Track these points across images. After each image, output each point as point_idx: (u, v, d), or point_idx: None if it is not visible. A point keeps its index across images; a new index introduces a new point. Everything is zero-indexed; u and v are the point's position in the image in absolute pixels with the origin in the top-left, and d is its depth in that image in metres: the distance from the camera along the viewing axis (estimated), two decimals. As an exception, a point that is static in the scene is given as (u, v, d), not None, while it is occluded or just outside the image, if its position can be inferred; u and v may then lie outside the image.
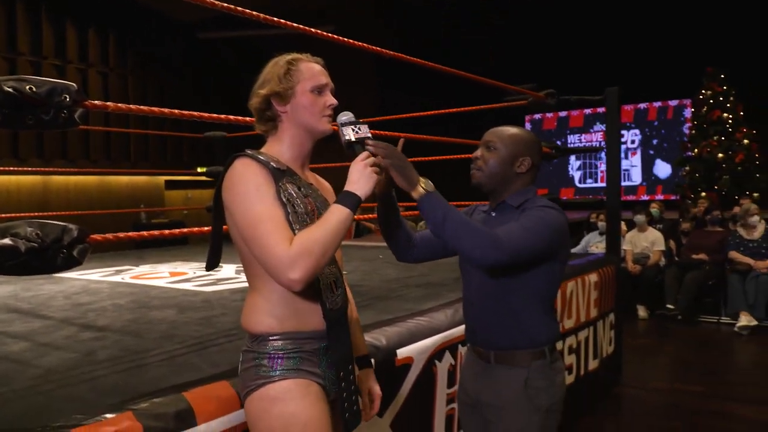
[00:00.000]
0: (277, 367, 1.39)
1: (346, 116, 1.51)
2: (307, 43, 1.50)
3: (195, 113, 2.44)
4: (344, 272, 1.60)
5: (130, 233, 2.16)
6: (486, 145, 1.78)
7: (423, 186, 1.55)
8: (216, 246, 1.55)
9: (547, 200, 1.75)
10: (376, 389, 1.68)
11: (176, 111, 2.36)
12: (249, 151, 1.45)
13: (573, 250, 6.23)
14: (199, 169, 12.29)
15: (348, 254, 5.25)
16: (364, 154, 1.43)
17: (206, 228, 2.50)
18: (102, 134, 12.72)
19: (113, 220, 11.15)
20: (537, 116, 14.54)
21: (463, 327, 2.56)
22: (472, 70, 3.87)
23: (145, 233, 2.23)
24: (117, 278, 4.02)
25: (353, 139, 1.47)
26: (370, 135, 1.49)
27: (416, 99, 11.12)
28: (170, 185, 14.35)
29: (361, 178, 1.40)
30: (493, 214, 1.81)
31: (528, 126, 14.54)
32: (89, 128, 11.64)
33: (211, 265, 1.55)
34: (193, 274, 4.09)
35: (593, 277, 3.84)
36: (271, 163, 1.42)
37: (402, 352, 2.19)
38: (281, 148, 1.51)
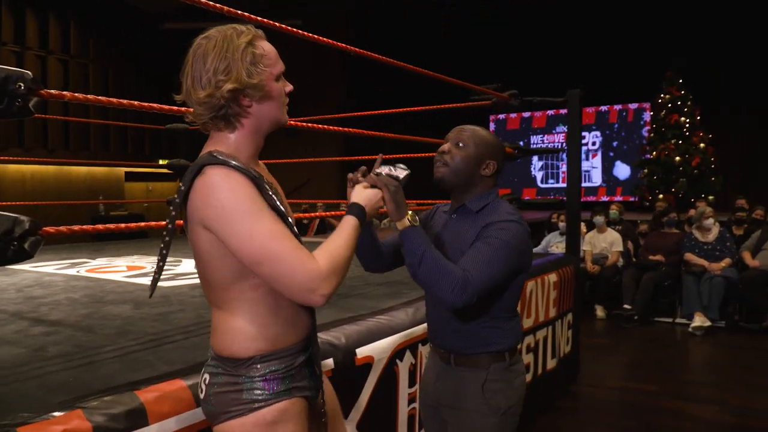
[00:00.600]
0: (273, 390, 1.32)
1: (401, 164, 1.65)
2: (272, 35, 1.44)
3: (155, 105, 2.39)
4: None
5: (85, 226, 2.08)
6: (456, 142, 1.78)
7: (409, 219, 1.60)
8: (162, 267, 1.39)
9: (508, 206, 1.76)
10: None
11: (135, 102, 2.30)
12: (216, 155, 1.28)
13: (534, 250, 6.31)
14: (161, 162, 12.09)
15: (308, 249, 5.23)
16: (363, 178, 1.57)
17: (165, 222, 2.47)
18: (60, 123, 12.40)
19: (71, 211, 10.91)
20: (501, 116, 14.67)
21: (423, 326, 2.58)
22: (436, 70, 3.88)
23: (100, 226, 2.16)
24: (72, 271, 3.92)
25: (376, 171, 1.60)
26: (398, 176, 1.60)
27: (383, 95, 11.12)
28: (131, 177, 14.08)
29: (365, 196, 1.49)
30: (454, 216, 1.83)
31: (492, 126, 14.69)
32: (47, 117, 11.36)
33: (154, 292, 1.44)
34: (151, 269, 4.01)
35: (553, 277, 3.89)
36: (251, 170, 1.29)
37: (362, 351, 2.18)
38: (237, 144, 1.34)
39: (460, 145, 1.77)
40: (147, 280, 3.51)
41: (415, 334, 2.50)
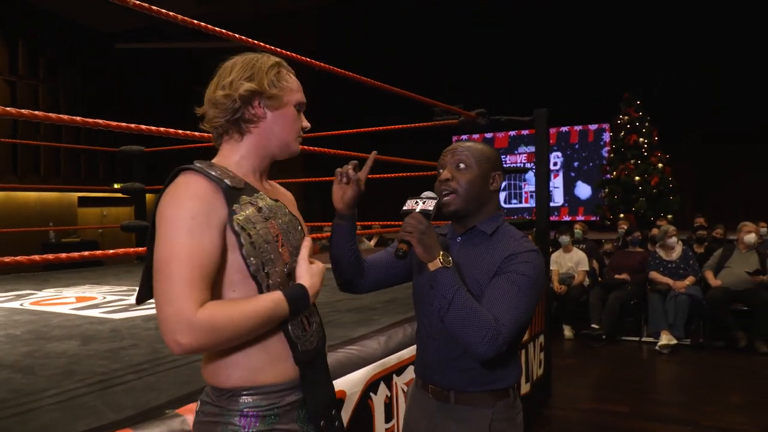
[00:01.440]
0: (250, 428, 1.19)
1: (429, 192, 1.54)
2: (235, 53, 1.32)
3: (112, 123, 2.21)
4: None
5: (25, 257, 1.88)
6: (455, 165, 1.62)
7: (441, 260, 1.45)
8: (149, 276, 1.24)
9: (522, 236, 1.64)
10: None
11: (78, 118, 2.11)
12: (198, 164, 1.22)
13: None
14: (115, 186, 11.69)
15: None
16: (305, 251, 1.30)
17: (119, 250, 2.28)
18: (8, 146, 11.94)
19: (21, 239, 10.43)
20: (464, 137, 14.74)
21: (398, 355, 2.43)
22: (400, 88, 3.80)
23: (49, 256, 1.97)
24: (15, 304, 3.65)
25: (404, 209, 1.50)
26: (429, 210, 1.48)
27: (346, 114, 11.05)
28: (84, 202, 13.61)
29: (314, 277, 1.27)
30: (458, 240, 1.66)
31: (454, 147, 14.70)
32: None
33: (141, 298, 1.28)
34: (103, 299, 3.76)
35: (525, 299, 3.78)
36: (225, 180, 1.20)
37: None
38: (238, 158, 1.29)
39: (461, 166, 1.61)
40: (97, 312, 3.28)
41: (389, 365, 2.35)
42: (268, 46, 2.68)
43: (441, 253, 1.45)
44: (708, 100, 11.16)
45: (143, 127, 2.34)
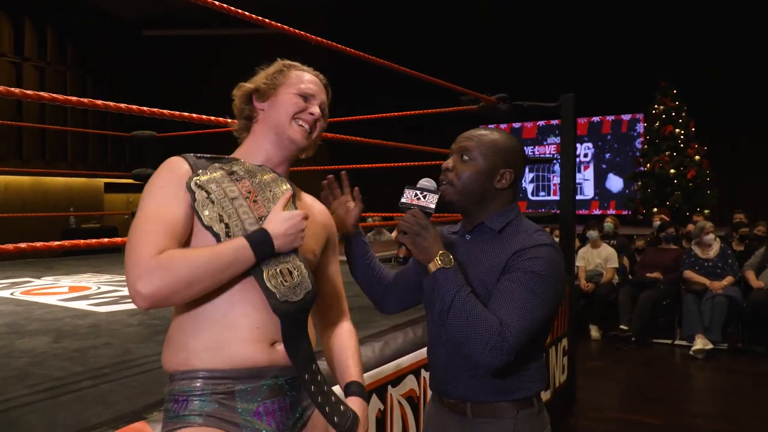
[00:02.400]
0: (180, 412, 1.16)
1: (426, 182, 1.40)
2: (259, 41, 1.14)
3: (134, 107, 2.09)
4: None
5: (17, 244, 1.74)
6: (460, 154, 1.46)
7: (440, 260, 1.33)
8: None
9: (533, 224, 1.45)
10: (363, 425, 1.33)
11: (99, 102, 1.98)
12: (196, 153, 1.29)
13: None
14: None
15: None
16: (282, 201, 1.26)
17: (121, 239, 2.08)
18: (37, 132, 11.99)
19: (44, 224, 10.47)
20: (490, 127, 14.36)
21: (394, 364, 2.17)
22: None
23: (57, 244, 1.83)
24: (6, 293, 3.48)
25: (403, 201, 1.39)
26: (430, 207, 1.37)
27: (370, 99, 10.77)
28: (110, 188, 13.60)
29: (284, 223, 1.20)
30: (468, 237, 1.49)
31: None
32: (22, 125, 10.94)
33: None
34: (97, 289, 3.57)
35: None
36: (198, 155, 1.27)
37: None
38: (247, 148, 1.36)
39: (465, 158, 1.45)
40: (84, 304, 3.08)
41: (383, 375, 2.08)
42: (280, 25, 2.54)
43: (440, 252, 1.33)
44: (749, 90, 10.56)
45: (156, 110, 2.23)
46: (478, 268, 1.41)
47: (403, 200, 1.38)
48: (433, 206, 1.37)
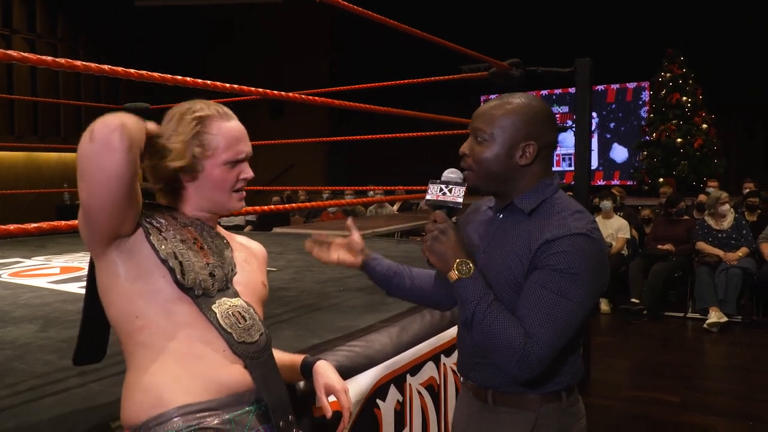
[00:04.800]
0: None
1: (451, 173, 1.33)
2: (253, 6, 0.91)
3: (132, 71, 1.95)
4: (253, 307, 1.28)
5: (6, 226, 1.60)
6: (475, 135, 1.32)
7: (456, 271, 1.24)
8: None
9: (571, 203, 1.29)
10: (337, 383, 1.39)
11: (93, 64, 1.84)
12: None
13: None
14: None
15: (285, 244, 4.62)
16: None
17: None
18: (29, 107, 11.73)
19: (37, 199, 10.30)
20: (493, 96, 14.07)
21: (412, 351, 1.99)
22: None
23: (47, 224, 1.67)
24: (-7, 275, 3.29)
25: (428, 198, 1.32)
26: (458, 201, 1.29)
27: (373, 70, 10.51)
28: (107, 163, 13.35)
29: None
30: (501, 216, 1.37)
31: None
32: (14, 97, 10.69)
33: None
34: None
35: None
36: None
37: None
38: (182, 207, 1.28)
39: (479, 139, 1.31)
40: (75, 287, 2.90)
41: (401, 364, 1.91)
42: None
43: (457, 261, 1.24)
44: (757, 56, 10.26)
45: (156, 75, 2.06)
46: (506, 252, 1.29)
47: (428, 197, 1.31)
48: (460, 199, 1.29)
